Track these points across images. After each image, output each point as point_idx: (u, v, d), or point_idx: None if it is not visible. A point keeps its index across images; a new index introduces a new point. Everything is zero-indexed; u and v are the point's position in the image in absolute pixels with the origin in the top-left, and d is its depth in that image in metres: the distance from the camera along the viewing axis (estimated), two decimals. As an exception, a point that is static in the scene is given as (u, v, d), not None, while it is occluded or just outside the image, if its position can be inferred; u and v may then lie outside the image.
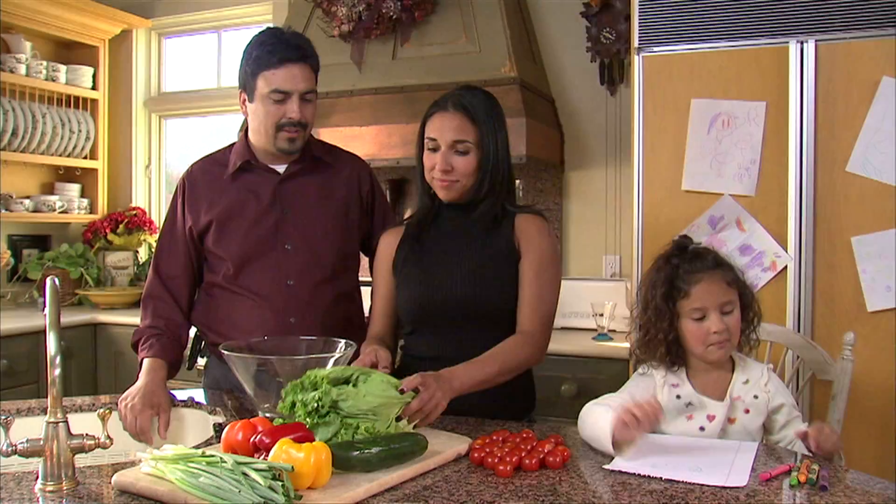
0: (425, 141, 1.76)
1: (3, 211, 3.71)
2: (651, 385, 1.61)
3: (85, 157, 4.11)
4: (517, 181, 3.40)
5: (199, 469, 1.16)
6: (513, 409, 1.77)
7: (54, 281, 1.32)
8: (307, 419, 1.33)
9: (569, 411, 2.76)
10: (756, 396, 1.59)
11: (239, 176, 1.95)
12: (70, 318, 3.56)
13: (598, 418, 1.44)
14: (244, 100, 1.90)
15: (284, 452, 1.16)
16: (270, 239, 1.92)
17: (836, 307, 2.36)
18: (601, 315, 2.94)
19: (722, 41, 2.49)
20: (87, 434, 1.28)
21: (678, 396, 1.60)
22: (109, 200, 4.26)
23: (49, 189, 4.09)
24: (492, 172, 1.74)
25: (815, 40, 2.38)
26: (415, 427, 1.43)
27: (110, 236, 4.11)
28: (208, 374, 2.02)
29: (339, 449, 1.23)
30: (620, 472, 1.31)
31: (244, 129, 1.98)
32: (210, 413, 1.78)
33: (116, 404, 1.73)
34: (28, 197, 3.87)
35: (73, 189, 4.12)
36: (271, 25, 1.94)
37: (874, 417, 2.32)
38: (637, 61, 2.58)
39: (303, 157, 1.95)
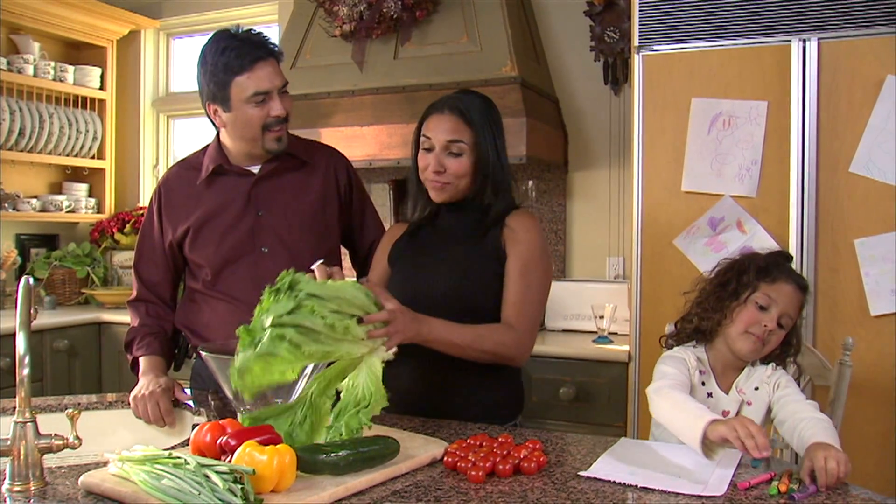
0: (421, 140, 1.76)
1: (11, 210, 3.74)
2: (685, 368, 1.65)
3: (92, 157, 4.14)
4: (529, 182, 3.44)
5: (163, 471, 1.15)
6: (498, 413, 1.74)
7: (28, 281, 1.32)
8: (266, 299, 1.27)
9: (566, 414, 2.75)
10: (757, 388, 1.64)
11: (213, 181, 1.93)
12: (76, 316, 3.59)
13: (688, 413, 1.43)
14: (215, 111, 1.85)
15: (248, 455, 1.14)
16: (246, 242, 1.90)
17: (838, 311, 2.31)
18: (601, 317, 2.90)
19: (723, 40, 2.45)
20: (55, 434, 1.26)
21: (703, 383, 1.66)
22: (117, 200, 4.27)
23: (57, 189, 4.12)
24: (493, 177, 1.73)
25: (818, 38, 2.33)
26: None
27: (117, 236, 4.13)
28: (195, 375, 2.02)
29: (305, 452, 1.21)
30: (596, 479, 1.28)
31: (217, 133, 1.95)
32: (194, 413, 1.77)
33: (120, 403, 1.74)
34: (36, 196, 3.89)
35: (81, 189, 4.14)
36: (222, 29, 1.85)
37: (877, 423, 2.26)
38: (637, 60, 2.54)
39: (276, 157, 1.91)
